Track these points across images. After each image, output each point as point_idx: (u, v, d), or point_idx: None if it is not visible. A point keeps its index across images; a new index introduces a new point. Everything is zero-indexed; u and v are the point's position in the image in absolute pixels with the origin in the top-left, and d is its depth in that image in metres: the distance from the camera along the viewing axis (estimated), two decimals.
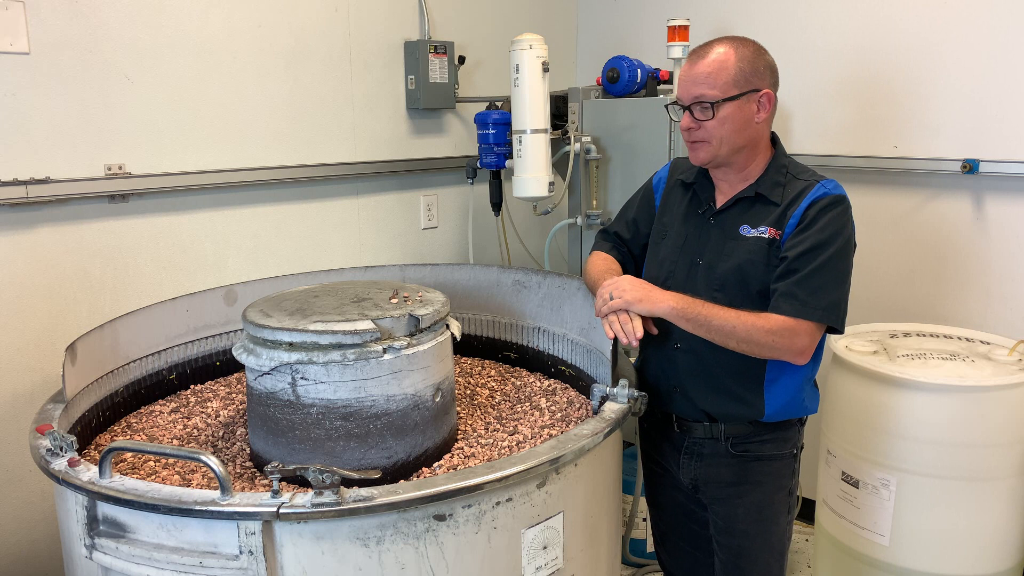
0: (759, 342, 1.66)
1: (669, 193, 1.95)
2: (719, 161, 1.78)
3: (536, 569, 1.55)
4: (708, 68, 1.70)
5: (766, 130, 1.77)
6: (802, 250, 1.66)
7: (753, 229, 1.75)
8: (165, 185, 2.39)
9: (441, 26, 3.09)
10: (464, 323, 2.48)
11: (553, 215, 2.96)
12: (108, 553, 1.42)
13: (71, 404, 1.78)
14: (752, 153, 1.77)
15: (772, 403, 1.78)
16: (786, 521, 1.88)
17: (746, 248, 1.75)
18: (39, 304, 2.20)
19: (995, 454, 2.32)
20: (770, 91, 1.72)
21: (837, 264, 1.66)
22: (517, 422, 1.96)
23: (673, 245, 1.87)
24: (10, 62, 2.09)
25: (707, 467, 1.87)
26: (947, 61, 2.69)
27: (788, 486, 1.86)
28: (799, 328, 1.64)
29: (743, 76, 1.69)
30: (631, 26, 3.51)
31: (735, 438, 1.82)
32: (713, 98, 1.70)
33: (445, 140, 3.19)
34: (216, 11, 2.46)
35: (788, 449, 1.84)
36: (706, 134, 1.73)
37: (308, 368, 1.63)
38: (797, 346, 1.66)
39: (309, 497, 1.34)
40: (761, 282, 1.72)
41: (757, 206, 1.77)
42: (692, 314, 1.68)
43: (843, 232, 1.67)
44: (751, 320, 1.65)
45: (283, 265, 2.71)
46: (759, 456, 1.83)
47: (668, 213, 1.92)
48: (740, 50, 1.70)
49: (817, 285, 1.64)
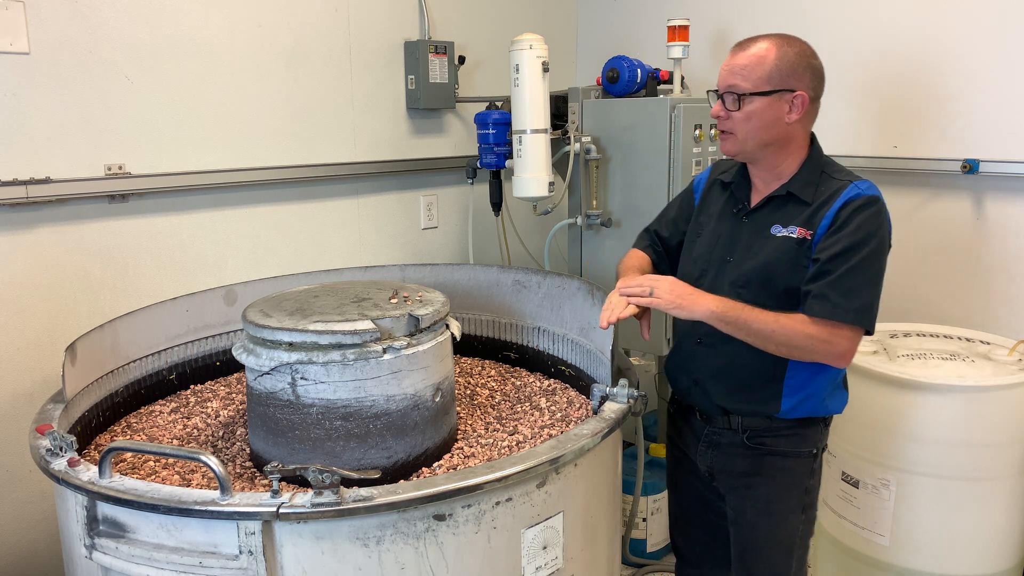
0: (798, 345, 1.66)
1: (708, 192, 1.96)
2: (747, 156, 1.79)
3: (536, 569, 1.55)
4: (746, 60, 1.72)
5: (799, 131, 1.75)
6: (835, 252, 1.65)
7: (783, 228, 1.75)
8: (165, 185, 2.39)
9: (441, 26, 3.09)
10: (464, 323, 2.48)
11: (553, 215, 2.96)
12: (108, 553, 1.43)
13: (71, 404, 1.78)
14: (782, 152, 1.77)
15: (789, 400, 1.78)
16: (799, 519, 1.85)
17: (773, 247, 1.75)
18: (39, 304, 2.20)
19: (995, 454, 2.33)
20: (804, 93, 1.70)
21: (870, 266, 1.65)
22: (517, 422, 1.96)
23: (707, 244, 1.88)
24: (10, 62, 2.09)
25: (723, 457, 1.88)
26: (946, 61, 2.69)
27: (804, 485, 1.84)
28: (837, 331, 1.64)
29: (778, 74, 1.69)
30: (631, 26, 3.51)
31: (752, 430, 1.82)
32: (743, 90, 1.71)
33: (445, 140, 3.19)
34: (216, 11, 2.46)
35: (807, 448, 1.82)
36: (733, 125, 1.74)
37: (308, 368, 1.63)
38: (836, 350, 1.66)
39: (309, 497, 1.34)
40: (786, 282, 1.72)
41: (789, 205, 1.77)
42: (731, 317, 1.68)
43: (876, 233, 1.66)
44: (789, 324, 1.66)
45: (283, 265, 2.71)
46: (774, 451, 1.82)
47: (705, 212, 1.94)
48: (783, 48, 1.70)
49: (849, 287, 1.64)
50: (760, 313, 1.67)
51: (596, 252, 2.84)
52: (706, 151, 2.67)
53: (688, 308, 1.70)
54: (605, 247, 2.81)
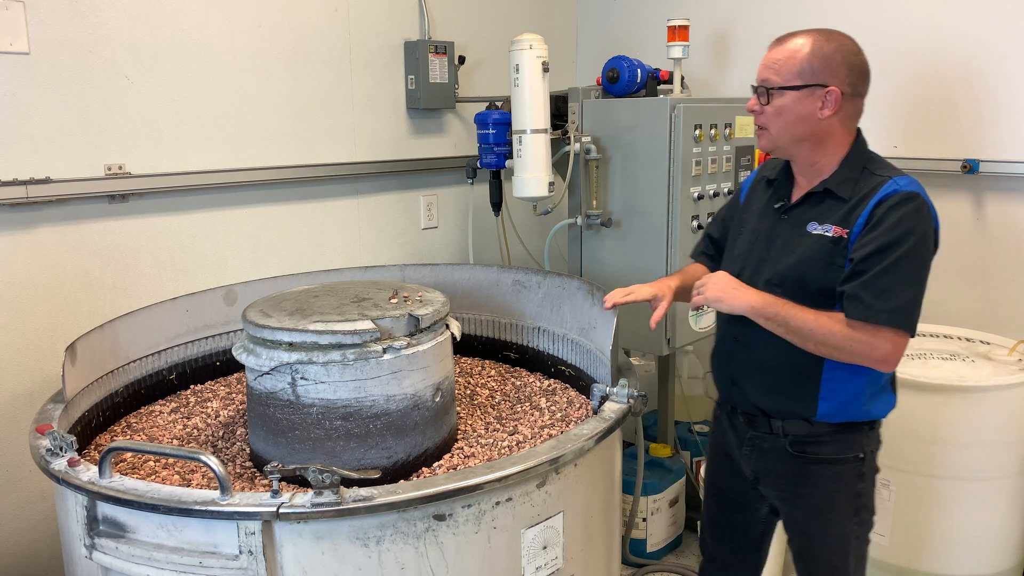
0: (837, 345, 1.62)
1: (753, 190, 1.94)
2: (781, 152, 1.77)
3: (536, 569, 1.55)
4: (780, 55, 1.71)
5: (836, 127, 1.71)
6: (868, 251, 1.61)
7: (819, 226, 1.71)
8: (165, 185, 2.39)
9: (441, 26, 3.09)
10: (464, 323, 2.48)
11: (553, 215, 2.96)
12: (108, 553, 1.43)
13: (71, 404, 1.78)
14: (820, 148, 1.73)
15: (827, 403, 1.74)
16: (852, 522, 1.80)
17: (808, 245, 1.72)
18: (39, 304, 2.20)
19: (995, 454, 2.33)
20: (837, 89, 1.66)
21: (907, 265, 1.59)
22: (517, 422, 1.96)
23: (747, 241, 1.86)
24: (10, 62, 2.08)
25: (767, 463, 1.85)
26: (947, 60, 2.69)
27: (854, 489, 1.78)
28: (877, 333, 1.59)
29: (810, 69, 1.67)
30: (631, 26, 3.51)
31: (794, 436, 1.78)
32: (773, 84, 1.71)
33: (445, 140, 3.19)
34: (216, 11, 2.46)
35: (853, 452, 1.76)
36: (766, 120, 1.74)
37: (308, 368, 1.63)
38: (877, 353, 1.61)
39: (309, 497, 1.34)
40: (820, 281, 1.68)
41: (827, 202, 1.72)
42: (771, 313, 1.67)
43: (914, 231, 1.60)
44: (828, 323, 1.62)
45: (283, 265, 2.71)
46: (819, 458, 1.77)
47: (748, 209, 1.92)
48: (818, 43, 1.68)
49: (884, 288, 1.59)
50: (801, 310, 1.65)
51: (596, 252, 2.84)
52: (706, 151, 2.67)
53: (728, 302, 1.71)
54: (605, 247, 2.81)
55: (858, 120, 1.75)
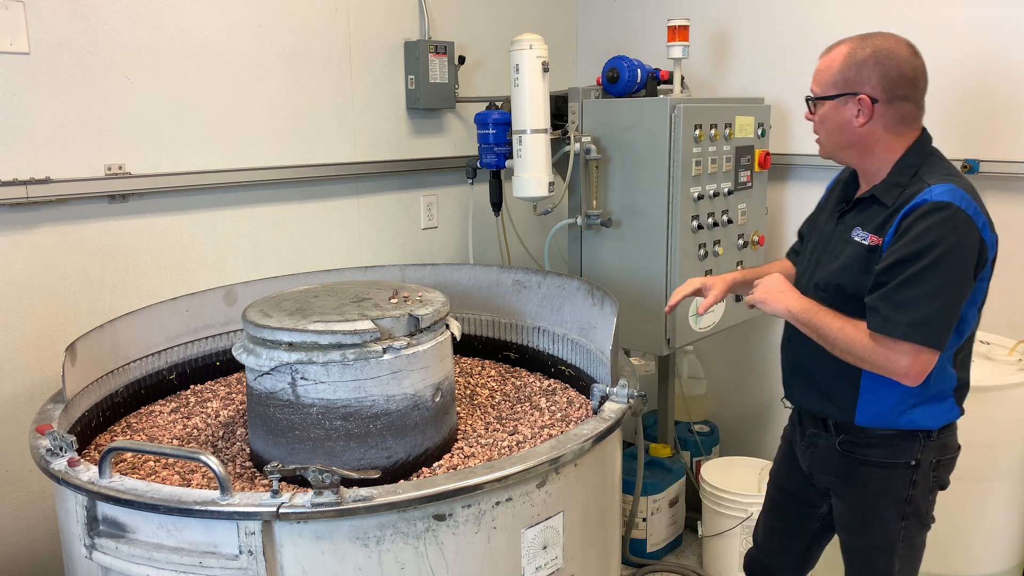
0: (859, 355, 1.63)
1: (831, 192, 1.96)
2: (832, 159, 1.81)
3: (536, 569, 1.55)
4: (822, 64, 1.74)
5: (880, 132, 1.70)
6: (890, 262, 1.60)
7: (861, 232, 1.72)
8: (165, 185, 2.39)
9: (441, 26, 3.09)
10: (464, 323, 2.49)
11: (553, 215, 2.96)
12: (108, 553, 1.43)
13: (71, 404, 1.78)
14: (866, 154, 1.74)
15: (865, 410, 1.74)
16: (898, 526, 1.78)
17: (849, 252, 1.73)
18: (39, 304, 2.20)
19: (995, 454, 2.33)
20: (867, 96, 1.66)
21: (930, 277, 1.56)
22: (517, 422, 1.97)
23: (812, 243, 1.90)
24: (10, 62, 2.08)
25: (819, 458, 1.88)
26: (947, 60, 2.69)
27: (903, 495, 1.76)
28: (896, 346, 1.58)
29: (843, 79, 1.69)
30: (631, 26, 3.51)
31: (845, 435, 1.80)
32: (813, 95, 1.75)
33: (445, 140, 3.19)
34: (216, 11, 2.46)
35: (903, 459, 1.75)
36: (815, 129, 1.79)
37: (308, 368, 1.63)
38: (896, 367, 1.59)
39: (309, 497, 1.34)
40: (855, 288, 1.68)
41: (873, 208, 1.73)
42: (804, 319, 1.70)
43: (940, 242, 1.55)
44: (853, 332, 1.63)
45: (283, 265, 2.71)
46: (866, 461, 1.78)
47: (824, 211, 1.94)
48: (853, 50, 1.69)
49: (902, 300, 1.57)
50: (831, 318, 1.66)
51: (596, 252, 2.84)
52: (706, 151, 2.67)
53: (771, 304, 1.75)
54: (605, 247, 2.81)
55: (911, 123, 1.72)
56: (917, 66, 1.69)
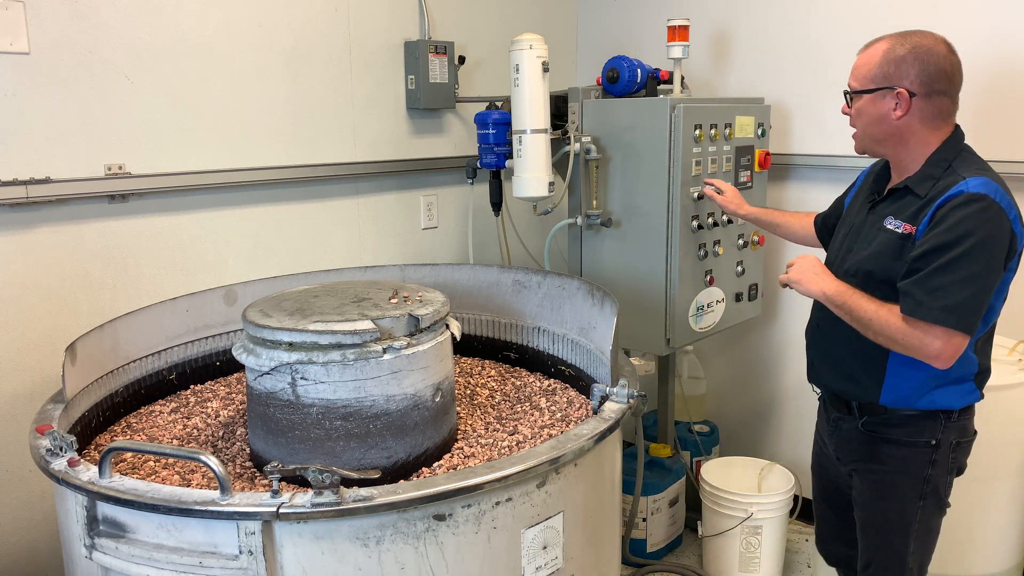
0: (892, 337, 1.70)
1: (862, 186, 2.03)
2: (868, 152, 1.88)
3: (536, 569, 1.55)
4: (861, 60, 1.81)
5: (916, 126, 1.77)
6: (924, 250, 1.67)
7: (894, 221, 1.79)
8: (165, 185, 2.39)
9: (441, 26, 3.09)
10: (464, 323, 2.49)
11: (553, 215, 2.96)
12: (108, 553, 1.43)
13: (71, 404, 1.78)
14: (902, 147, 1.81)
15: (890, 391, 1.83)
16: (916, 505, 1.86)
17: (881, 239, 1.80)
18: (39, 304, 2.20)
19: (995, 454, 2.33)
20: (905, 91, 1.73)
21: (964, 266, 1.63)
22: (517, 422, 1.97)
23: (843, 233, 1.98)
24: (10, 62, 2.08)
25: (844, 441, 1.96)
26: None
27: (922, 474, 1.84)
28: (929, 330, 1.65)
29: (882, 72, 1.75)
30: (631, 26, 3.51)
31: (868, 416, 1.88)
32: (853, 89, 1.82)
33: (445, 140, 3.19)
34: (216, 11, 2.46)
35: (924, 438, 1.83)
36: (852, 122, 1.86)
37: (308, 368, 1.63)
38: (928, 349, 1.66)
39: (309, 497, 1.34)
40: (886, 273, 1.76)
41: (907, 198, 1.80)
42: (840, 301, 1.77)
43: (975, 232, 1.63)
44: (887, 316, 1.70)
45: (283, 265, 2.71)
46: (888, 439, 1.86)
47: (855, 202, 2.02)
48: (893, 46, 1.76)
49: (936, 286, 1.64)
50: (866, 301, 1.73)
51: (596, 252, 2.84)
52: (706, 151, 2.67)
53: (806, 285, 1.83)
54: (605, 247, 2.81)
55: (947, 118, 1.79)
56: (954, 63, 1.76)
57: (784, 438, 3.33)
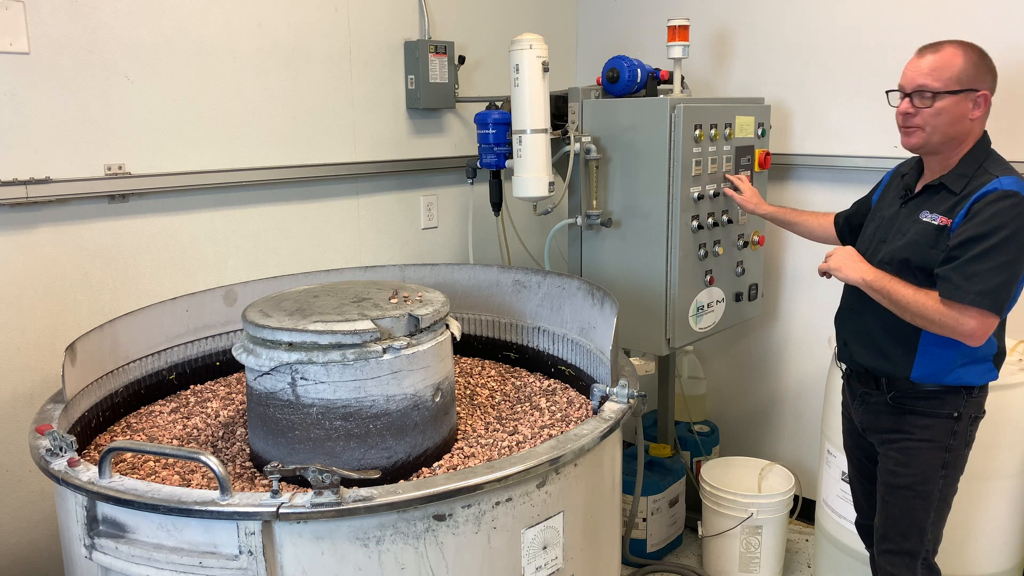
0: (929, 318, 1.85)
1: (889, 185, 2.19)
2: (929, 148, 1.96)
3: (536, 569, 1.55)
4: (936, 63, 1.91)
5: (978, 127, 1.94)
6: (961, 240, 1.83)
7: (930, 214, 1.94)
8: (165, 185, 2.39)
9: (441, 26, 3.09)
10: (464, 323, 2.49)
11: (553, 215, 2.96)
12: (108, 553, 1.43)
13: (71, 404, 1.78)
14: (959, 146, 1.94)
15: (921, 367, 1.97)
16: (939, 474, 1.99)
17: (916, 230, 1.94)
18: (39, 304, 2.20)
19: (995, 454, 2.33)
20: (987, 92, 1.89)
21: (997, 255, 1.79)
22: (517, 422, 1.97)
23: (874, 226, 2.12)
24: (10, 62, 2.08)
25: (871, 414, 2.11)
26: None
27: (945, 444, 1.98)
28: (964, 311, 1.81)
29: (966, 75, 1.88)
30: (631, 26, 3.51)
31: (896, 391, 2.02)
32: (935, 89, 1.90)
33: (445, 140, 3.19)
34: (216, 11, 2.46)
35: (947, 411, 1.98)
36: (922, 121, 1.93)
37: (308, 368, 1.63)
38: (963, 328, 1.82)
39: (309, 497, 1.34)
40: (921, 261, 1.91)
41: (942, 194, 1.95)
42: (879, 286, 1.92)
43: (1007, 225, 1.79)
44: (924, 299, 1.86)
45: (283, 265, 2.71)
46: (913, 410, 2.01)
47: (883, 200, 2.17)
48: (967, 52, 1.90)
49: (973, 272, 1.80)
50: (903, 286, 1.89)
51: (596, 252, 2.84)
52: (706, 151, 2.67)
53: (846, 272, 1.99)
54: (605, 247, 2.81)
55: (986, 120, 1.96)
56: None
57: (784, 438, 3.33)
